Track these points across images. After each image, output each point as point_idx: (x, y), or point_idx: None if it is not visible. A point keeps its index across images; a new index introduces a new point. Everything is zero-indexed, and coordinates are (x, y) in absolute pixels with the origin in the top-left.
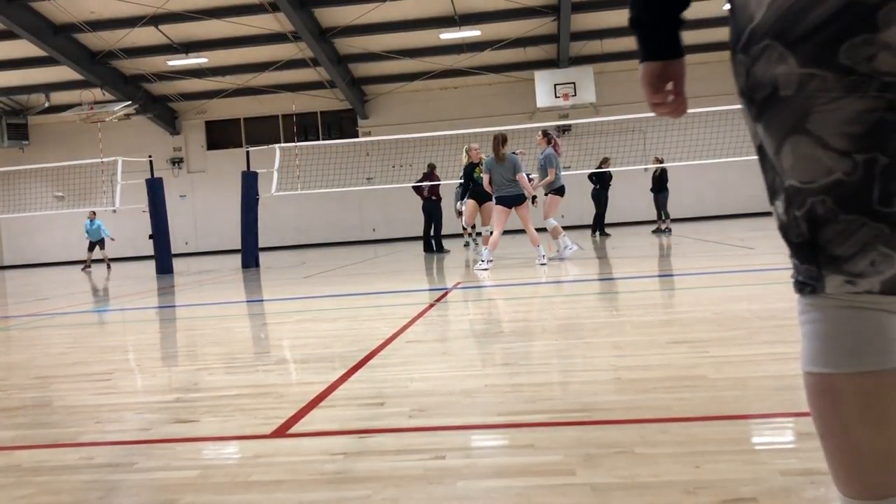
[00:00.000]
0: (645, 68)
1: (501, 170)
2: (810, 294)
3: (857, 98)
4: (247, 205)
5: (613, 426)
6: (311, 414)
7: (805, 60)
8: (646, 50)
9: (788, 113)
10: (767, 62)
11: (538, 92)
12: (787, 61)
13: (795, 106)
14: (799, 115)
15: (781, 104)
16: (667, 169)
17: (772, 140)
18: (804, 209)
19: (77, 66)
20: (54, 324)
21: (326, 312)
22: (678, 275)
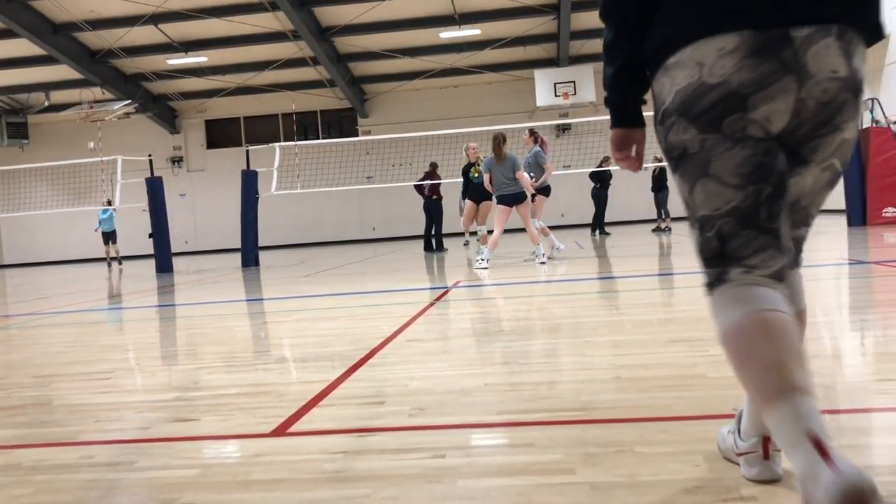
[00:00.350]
0: (614, 133)
1: (502, 169)
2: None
3: (741, 148)
4: (246, 204)
5: (613, 425)
6: (310, 413)
7: (702, 129)
8: (614, 120)
9: (696, 164)
10: (677, 131)
11: (538, 91)
12: (690, 131)
13: (700, 159)
14: (704, 164)
15: (690, 158)
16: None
17: (687, 184)
18: (714, 230)
19: (77, 65)
20: (54, 323)
21: (326, 311)
22: (678, 274)
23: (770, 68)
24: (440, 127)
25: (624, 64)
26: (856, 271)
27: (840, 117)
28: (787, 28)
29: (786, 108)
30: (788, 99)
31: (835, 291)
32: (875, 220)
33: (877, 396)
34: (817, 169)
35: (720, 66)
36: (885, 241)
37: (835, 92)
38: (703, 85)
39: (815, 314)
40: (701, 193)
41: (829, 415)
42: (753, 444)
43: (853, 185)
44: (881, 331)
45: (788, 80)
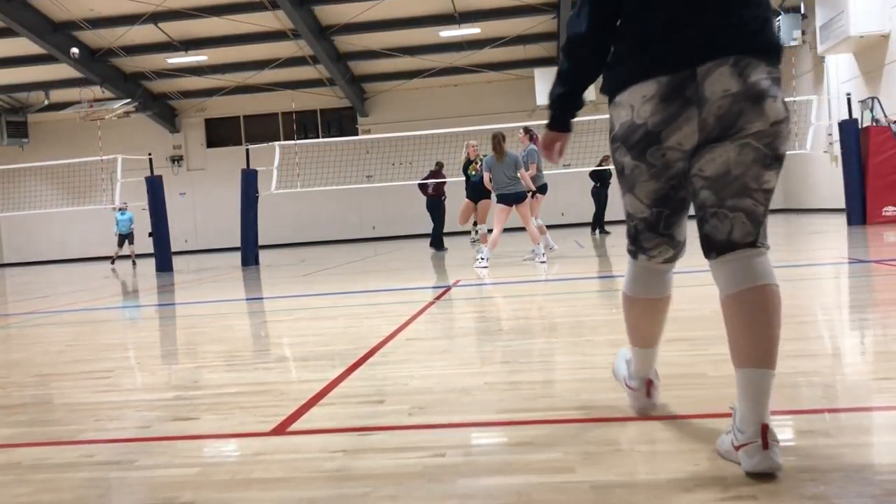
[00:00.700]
0: (547, 133)
1: (503, 168)
2: (632, 259)
3: (655, 181)
4: (246, 203)
5: (613, 424)
6: (310, 412)
7: (634, 157)
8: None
9: (627, 182)
10: (620, 154)
11: (538, 89)
12: (627, 156)
13: (630, 179)
14: (631, 184)
15: (625, 176)
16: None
17: (622, 190)
18: (632, 225)
19: (76, 64)
20: (54, 321)
21: (326, 310)
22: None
23: (676, 108)
24: (440, 126)
25: (570, 90)
26: (855, 270)
27: (742, 120)
28: (693, 68)
29: (691, 130)
30: (692, 124)
31: (835, 290)
32: (875, 219)
33: (877, 395)
34: (735, 146)
35: (643, 110)
36: (885, 240)
37: (728, 105)
38: (633, 124)
39: (816, 313)
40: (627, 200)
41: (829, 413)
42: (640, 385)
43: (853, 184)
44: (881, 329)
45: (691, 111)
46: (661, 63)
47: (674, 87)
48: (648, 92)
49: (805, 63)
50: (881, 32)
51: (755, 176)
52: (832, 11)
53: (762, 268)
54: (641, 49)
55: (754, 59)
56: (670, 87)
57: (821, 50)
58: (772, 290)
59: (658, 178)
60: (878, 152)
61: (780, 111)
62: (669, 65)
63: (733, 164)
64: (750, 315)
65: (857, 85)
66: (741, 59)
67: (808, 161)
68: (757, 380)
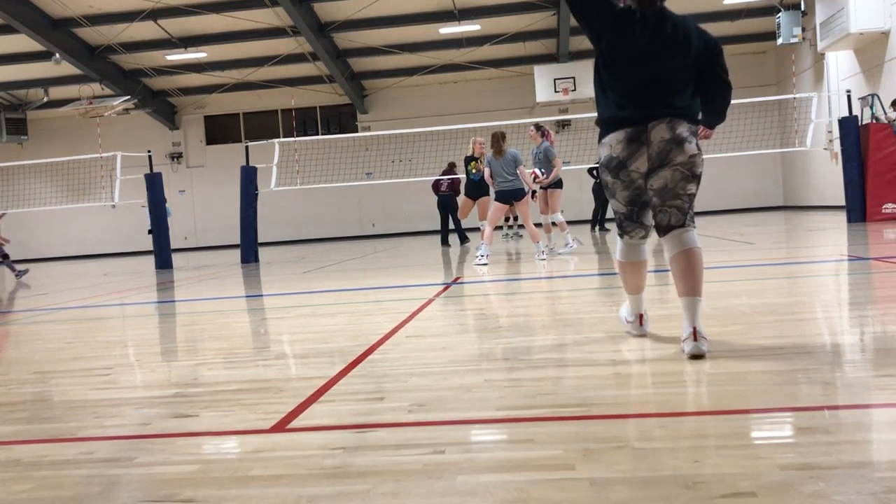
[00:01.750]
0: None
1: (502, 164)
2: (621, 239)
3: (627, 191)
4: (246, 200)
5: (613, 421)
6: (310, 409)
7: (612, 176)
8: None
9: (610, 192)
10: (605, 175)
11: (538, 87)
12: (608, 176)
13: (612, 191)
14: (613, 193)
15: (609, 188)
16: None
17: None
18: (618, 218)
19: (76, 61)
20: (54, 319)
21: (326, 307)
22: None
23: (635, 147)
24: (440, 123)
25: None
26: (855, 267)
27: (671, 155)
28: (646, 125)
29: (645, 160)
30: (644, 157)
31: (834, 287)
32: (875, 216)
33: (876, 392)
34: (669, 170)
35: (618, 148)
36: (885, 238)
37: (663, 146)
38: (611, 157)
39: (815, 310)
40: (612, 203)
41: (828, 410)
42: (634, 319)
43: (853, 181)
44: (880, 327)
45: (643, 149)
46: (627, 121)
47: (634, 135)
48: (620, 137)
49: (805, 60)
50: (881, 29)
51: (682, 187)
52: (832, 8)
53: (689, 238)
54: (618, 107)
55: (680, 119)
56: (632, 134)
57: (821, 47)
58: (695, 251)
59: (628, 189)
60: (878, 149)
61: (694, 149)
62: (632, 122)
63: (669, 181)
64: (683, 266)
65: (857, 82)
66: (672, 120)
67: (807, 158)
68: (690, 303)
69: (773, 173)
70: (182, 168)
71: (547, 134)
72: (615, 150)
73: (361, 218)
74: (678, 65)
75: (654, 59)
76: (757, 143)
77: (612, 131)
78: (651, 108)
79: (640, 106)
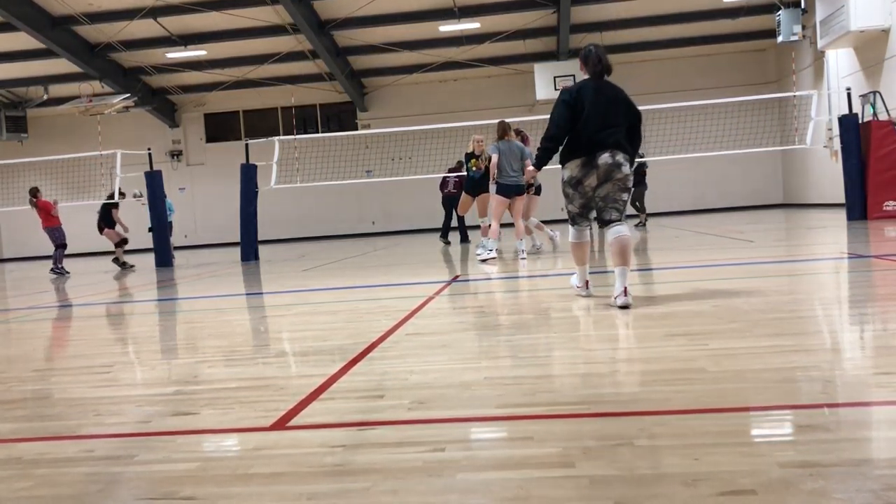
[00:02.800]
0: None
1: (509, 156)
2: (572, 226)
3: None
4: (246, 198)
5: (612, 419)
6: (310, 406)
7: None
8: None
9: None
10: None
11: (538, 84)
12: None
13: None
14: (572, 199)
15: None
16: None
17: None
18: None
19: (75, 59)
20: (54, 316)
21: (326, 305)
22: (677, 267)
23: (588, 169)
24: (440, 121)
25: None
26: (855, 265)
27: (612, 175)
28: (595, 154)
29: (594, 178)
30: (593, 176)
31: (834, 285)
32: (876, 214)
33: (876, 390)
34: (610, 184)
35: (577, 171)
36: (886, 236)
37: (607, 168)
38: (572, 177)
39: (815, 308)
40: (570, 206)
41: (828, 408)
42: (582, 284)
43: (853, 179)
44: (880, 325)
45: (593, 171)
46: (583, 152)
47: (587, 161)
48: (578, 163)
49: (805, 58)
50: (881, 27)
51: (619, 196)
52: (832, 6)
53: (622, 229)
54: (577, 145)
55: (618, 151)
56: (586, 161)
57: (821, 45)
58: (627, 237)
59: (583, 197)
60: (879, 147)
61: (627, 171)
62: (586, 153)
63: (609, 192)
64: (619, 248)
65: (858, 80)
66: (613, 151)
67: (808, 156)
68: (622, 271)
69: (773, 171)
70: (182, 166)
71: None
72: (574, 172)
73: (361, 216)
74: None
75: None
76: (757, 140)
77: (572, 160)
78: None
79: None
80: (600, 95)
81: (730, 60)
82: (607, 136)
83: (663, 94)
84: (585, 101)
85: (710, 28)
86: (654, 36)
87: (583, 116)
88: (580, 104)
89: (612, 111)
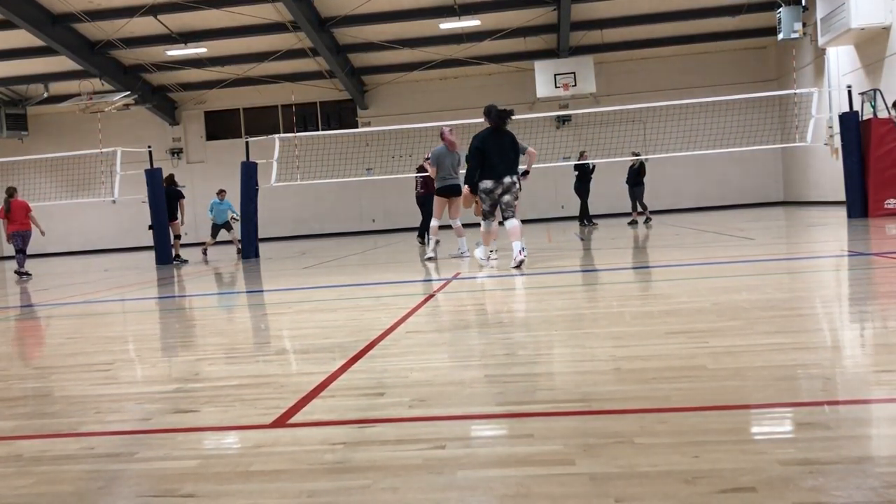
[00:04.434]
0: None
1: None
2: (484, 220)
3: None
4: (246, 195)
5: (613, 416)
6: (311, 404)
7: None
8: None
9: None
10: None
11: (538, 82)
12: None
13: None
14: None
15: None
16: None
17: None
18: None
19: (76, 56)
20: (54, 314)
21: (326, 303)
22: (677, 265)
23: (497, 184)
24: (440, 118)
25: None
26: (856, 263)
27: (511, 189)
28: (502, 178)
29: (500, 190)
30: (500, 189)
31: (834, 283)
32: (877, 211)
33: (876, 387)
34: (509, 194)
35: (490, 185)
36: (887, 233)
37: (508, 185)
38: (487, 188)
39: (815, 305)
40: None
41: (828, 405)
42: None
43: (853, 177)
44: (880, 322)
45: (500, 185)
46: (494, 175)
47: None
48: (491, 182)
49: (806, 55)
50: (882, 24)
51: (513, 202)
52: (833, 4)
53: (514, 221)
54: (491, 172)
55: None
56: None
57: (821, 42)
58: (517, 226)
59: (493, 201)
60: (880, 145)
61: (517, 186)
62: (496, 176)
63: (509, 199)
64: (512, 231)
65: (858, 77)
66: (510, 174)
67: (808, 154)
68: (517, 244)
69: (774, 169)
70: (182, 164)
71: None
72: (489, 186)
73: (362, 213)
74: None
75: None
76: (757, 138)
77: (485, 180)
78: (503, 174)
79: (498, 173)
80: (499, 140)
81: (730, 58)
82: (506, 167)
83: (663, 92)
84: (489, 144)
85: (711, 25)
86: (655, 33)
87: (490, 154)
88: (487, 147)
89: (506, 149)
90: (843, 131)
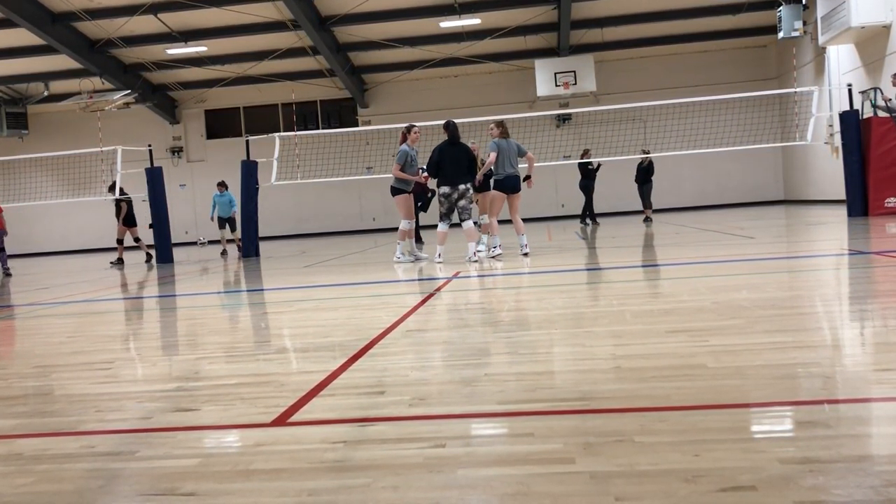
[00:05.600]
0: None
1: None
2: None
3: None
4: (247, 194)
5: (613, 415)
6: (311, 403)
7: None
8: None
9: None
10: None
11: (538, 80)
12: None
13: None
14: (443, 204)
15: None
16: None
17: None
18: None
19: (76, 55)
20: (55, 313)
21: (327, 302)
22: (678, 264)
23: (453, 190)
24: (440, 117)
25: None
26: (856, 262)
27: (465, 195)
28: (457, 185)
29: (456, 195)
30: (455, 195)
31: (835, 282)
32: (877, 210)
33: (876, 386)
34: (464, 199)
35: (447, 191)
36: (887, 232)
37: (463, 191)
38: (444, 193)
39: (815, 304)
40: (440, 209)
41: (828, 404)
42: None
43: (853, 175)
44: (881, 321)
45: (456, 191)
46: (450, 183)
47: (452, 188)
48: (448, 187)
49: (806, 54)
50: (882, 23)
51: (468, 206)
52: (834, 2)
53: (470, 223)
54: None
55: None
56: (452, 188)
57: (822, 41)
58: (472, 228)
59: (450, 205)
60: (880, 144)
61: (471, 192)
62: (452, 184)
63: (464, 204)
64: (469, 234)
65: (859, 76)
66: (465, 182)
67: (808, 152)
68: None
69: (774, 167)
70: (182, 162)
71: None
72: (446, 192)
73: (362, 212)
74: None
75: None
76: (757, 137)
77: (443, 186)
78: (458, 181)
79: (452, 180)
80: (454, 152)
81: (731, 56)
82: (461, 175)
83: (664, 91)
84: (446, 156)
85: (711, 24)
86: (655, 32)
87: (445, 164)
88: (443, 157)
89: (460, 160)
90: (843, 130)
